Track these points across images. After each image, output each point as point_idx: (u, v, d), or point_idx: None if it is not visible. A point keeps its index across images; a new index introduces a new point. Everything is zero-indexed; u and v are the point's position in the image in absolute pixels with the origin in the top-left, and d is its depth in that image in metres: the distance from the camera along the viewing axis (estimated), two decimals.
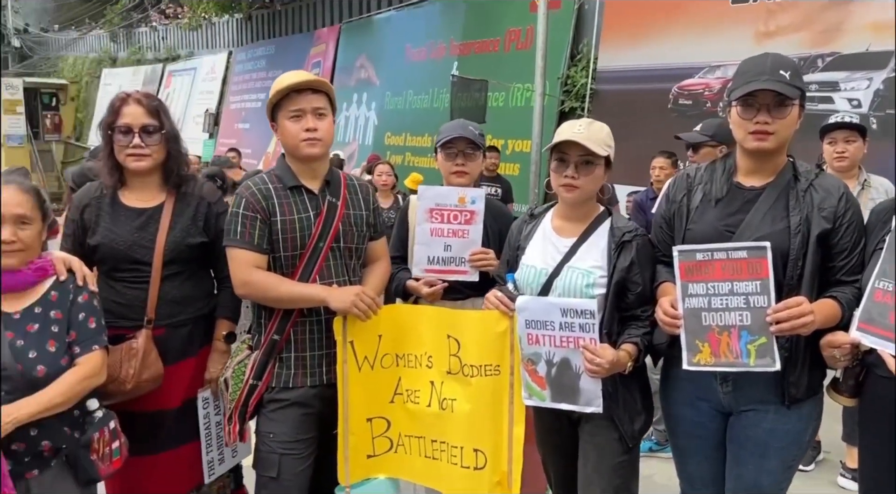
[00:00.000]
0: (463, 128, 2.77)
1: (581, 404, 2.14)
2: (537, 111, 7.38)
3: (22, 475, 2.08)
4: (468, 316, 2.37)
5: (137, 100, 2.48)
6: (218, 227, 2.55)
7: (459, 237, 2.68)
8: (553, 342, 2.14)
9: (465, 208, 2.67)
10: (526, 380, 2.22)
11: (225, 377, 2.43)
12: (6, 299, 2.12)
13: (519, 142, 9.05)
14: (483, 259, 2.66)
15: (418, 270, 2.71)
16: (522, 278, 2.30)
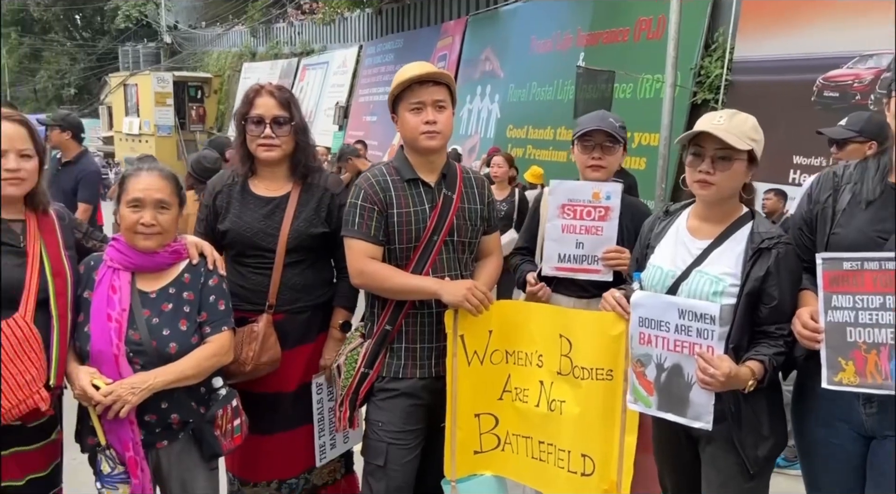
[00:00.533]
0: (602, 120, 2.64)
1: (689, 417, 1.98)
2: (667, 103, 7.08)
3: (153, 444, 2.23)
4: (582, 316, 2.30)
5: (270, 92, 2.57)
6: (340, 218, 2.59)
7: (593, 234, 2.57)
8: (666, 344, 2.00)
9: (599, 204, 2.55)
10: (633, 383, 2.10)
11: (338, 364, 2.49)
12: (144, 279, 2.27)
13: (646, 135, 8.71)
14: (617, 258, 2.54)
15: (548, 267, 2.62)
16: (648, 279, 2.16)
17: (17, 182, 2.13)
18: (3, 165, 2.10)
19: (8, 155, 2.10)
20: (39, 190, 2.23)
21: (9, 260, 2.11)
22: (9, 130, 2.12)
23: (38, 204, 2.24)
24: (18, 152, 2.12)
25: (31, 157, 2.16)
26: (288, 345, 2.58)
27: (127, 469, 2.18)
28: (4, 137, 2.11)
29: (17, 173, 2.12)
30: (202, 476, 2.34)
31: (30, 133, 2.17)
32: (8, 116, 2.16)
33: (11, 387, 2.04)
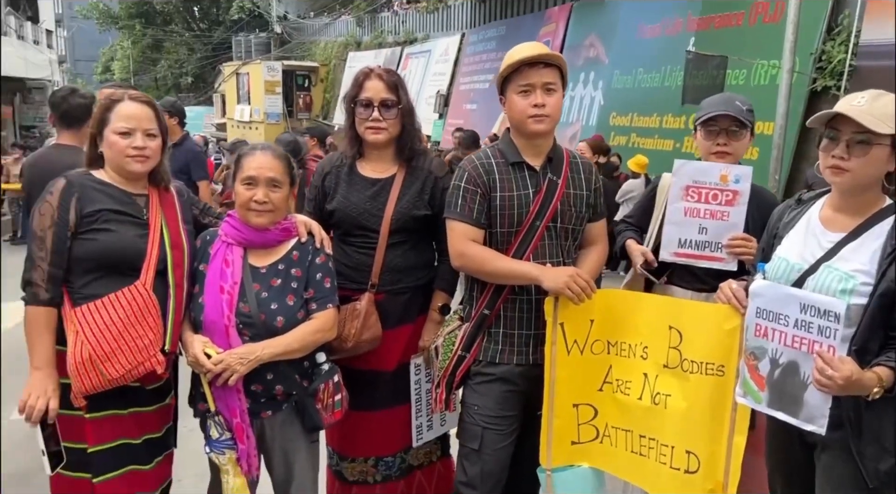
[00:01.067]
0: (728, 103, 2.51)
1: (801, 418, 1.84)
2: (784, 90, 6.70)
3: (258, 414, 2.32)
4: (695, 308, 2.20)
5: (379, 75, 2.60)
6: (443, 201, 2.60)
7: (718, 219, 2.44)
8: (783, 339, 1.88)
9: (727, 188, 2.42)
10: (744, 376, 1.99)
11: (436, 345, 2.50)
12: (255, 254, 2.36)
13: (759, 124, 8.24)
14: (743, 246, 2.40)
15: (667, 253, 2.52)
16: (772, 271, 2.01)
17: (142, 160, 2.26)
18: (131, 144, 2.23)
19: (135, 134, 2.24)
20: (162, 168, 2.36)
21: (132, 231, 2.24)
22: (136, 111, 2.26)
23: (161, 181, 2.37)
24: (145, 131, 2.26)
25: (156, 136, 2.29)
26: (388, 325, 2.61)
27: (234, 435, 2.28)
28: (132, 117, 2.24)
29: (143, 151, 2.25)
30: (303, 447, 2.41)
31: (155, 114, 2.30)
32: (135, 97, 2.30)
33: (131, 349, 2.16)
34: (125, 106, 2.25)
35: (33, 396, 2.15)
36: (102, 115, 2.26)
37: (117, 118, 2.24)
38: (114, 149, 2.24)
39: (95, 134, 2.28)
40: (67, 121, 3.70)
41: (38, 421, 2.17)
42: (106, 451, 2.22)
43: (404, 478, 2.77)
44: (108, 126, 2.25)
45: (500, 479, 2.40)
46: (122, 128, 2.23)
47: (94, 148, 2.30)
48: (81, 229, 2.20)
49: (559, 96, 2.34)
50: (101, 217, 2.21)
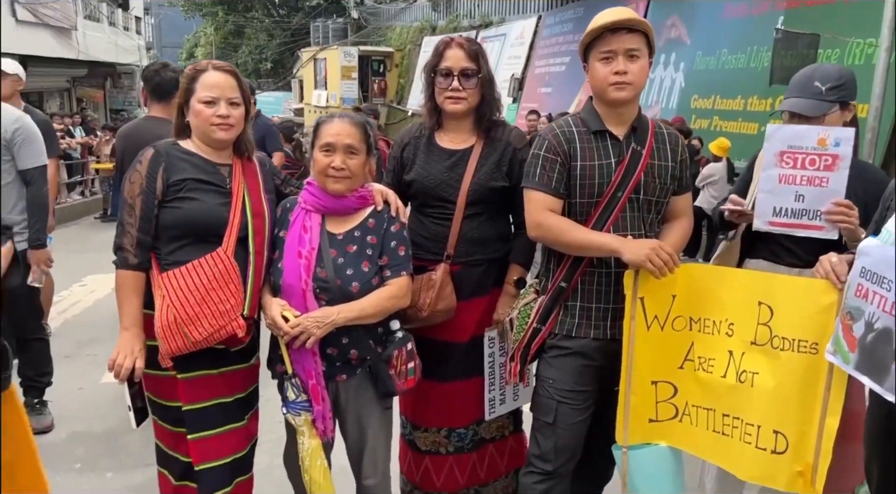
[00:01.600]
0: (803, 89, 2.43)
1: (885, 387, 1.74)
2: (880, 70, 6.31)
3: (333, 377, 2.35)
4: (788, 282, 2.09)
5: (460, 44, 2.58)
6: (521, 172, 2.57)
7: (816, 186, 2.30)
8: (882, 304, 1.76)
9: (825, 152, 2.28)
10: (837, 333, 1.89)
11: (510, 318, 2.47)
12: (333, 221, 2.39)
13: None
14: (844, 213, 2.27)
15: (761, 222, 2.41)
16: None
17: (226, 128, 2.31)
18: (215, 112, 2.28)
19: (219, 102, 2.28)
20: (245, 137, 2.40)
21: (215, 200, 2.30)
22: (220, 80, 2.30)
23: (244, 150, 2.42)
24: (228, 100, 2.30)
25: (239, 105, 2.33)
26: (463, 296, 2.60)
27: (310, 397, 2.32)
28: (216, 86, 2.29)
29: (227, 119, 2.30)
30: (377, 413, 2.43)
31: (237, 83, 2.34)
32: (218, 66, 2.34)
33: (213, 314, 2.22)
34: (209, 75, 2.30)
35: (121, 355, 2.24)
36: (188, 85, 2.31)
37: (202, 88, 2.29)
38: (199, 118, 2.29)
39: (182, 104, 2.34)
40: (158, 94, 3.85)
41: (126, 379, 2.26)
42: (201, 410, 2.30)
43: (476, 451, 2.76)
44: (194, 96, 2.30)
45: (574, 454, 2.36)
46: (206, 97, 2.28)
47: (181, 118, 2.36)
48: (167, 197, 2.27)
49: (643, 63, 2.25)
50: (185, 186, 2.27)
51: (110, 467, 3.52)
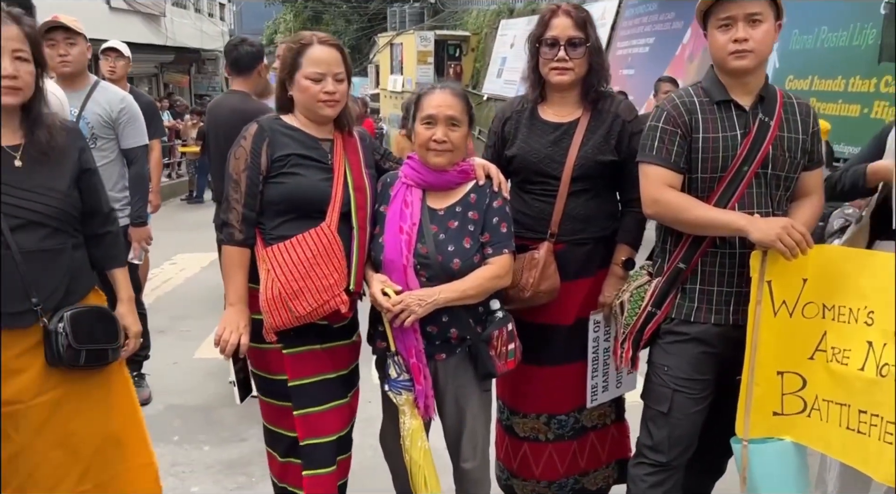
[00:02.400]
0: None
1: None
2: None
3: (432, 356, 2.29)
4: None
5: (567, 11, 2.45)
6: (631, 147, 2.44)
7: None
8: None
9: None
10: None
11: (621, 301, 2.34)
12: (434, 196, 2.32)
13: None
14: None
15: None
16: None
17: (333, 104, 2.26)
18: (322, 89, 2.22)
19: (326, 79, 2.23)
20: (346, 111, 2.35)
21: (317, 175, 2.26)
22: (326, 55, 2.24)
23: (345, 124, 2.36)
24: (334, 76, 2.24)
25: (343, 80, 2.28)
26: (567, 277, 2.48)
27: (411, 376, 2.26)
28: (322, 61, 2.23)
29: (333, 96, 2.25)
30: (475, 394, 2.36)
31: (342, 57, 2.28)
32: (324, 40, 2.27)
33: (318, 288, 2.19)
34: (315, 50, 2.24)
35: (227, 331, 2.23)
36: (294, 59, 2.25)
37: (308, 63, 2.23)
38: (306, 94, 2.25)
39: (285, 78, 2.29)
40: (237, 68, 3.95)
41: (231, 355, 2.25)
42: (306, 386, 2.27)
43: (577, 439, 2.65)
44: (300, 71, 2.24)
45: (688, 446, 2.23)
46: (313, 73, 2.22)
47: (283, 92, 2.32)
48: (272, 172, 2.25)
49: (767, 28, 2.06)
50: (289, 162, 2.24)
51: (207, 440, 3.58)
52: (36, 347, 2.03)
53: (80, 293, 2.14)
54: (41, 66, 2.04)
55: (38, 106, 2.04)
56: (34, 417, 2.04)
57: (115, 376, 2.24)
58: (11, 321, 1.97)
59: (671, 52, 14.02)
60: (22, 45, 1.95)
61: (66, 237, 2.08)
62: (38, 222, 2.00)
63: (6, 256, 1.94)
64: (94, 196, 2.19)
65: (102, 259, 2.26)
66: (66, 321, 2.03)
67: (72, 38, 3.50)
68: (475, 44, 24.94)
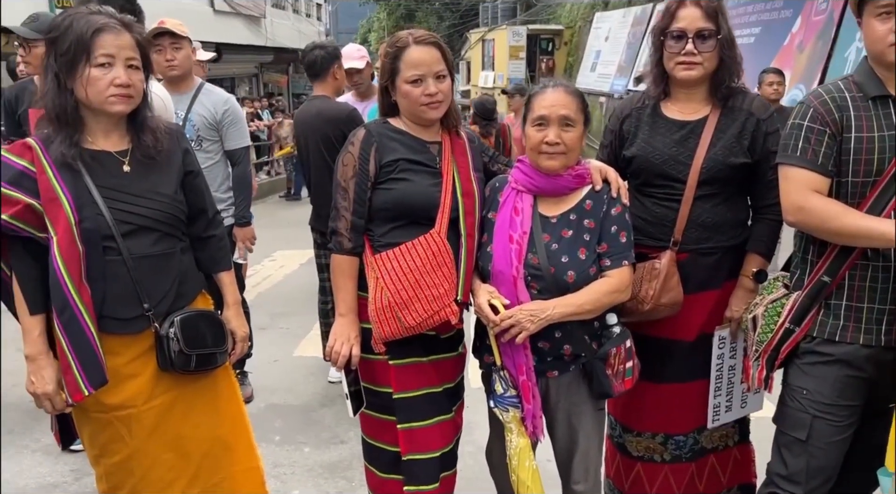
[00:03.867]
0: None
1: None
2: None
3: (544, 373, 2.17)
4: None
5: (696, 1, 2.25)
6: (766, 148, 2.25)
7: None
8: None
9: None
10: None
11: (754, 315, 2.14)
12: (546, 202, 2.19)
13: None
14: None
15: None
16: None
17: (436, 106, 2.17)
18: (424, 91, 2.13)
19: (426, 79, 2.14)
20: (452, 108, 2.26)
21: (426, 180, 2.18)
22: (424, 56, 2.14)
23: (452, 123, 2.27)
24: (435, 75, 2.15)
25: (446, 77, 2.18)
26: (690, 288, 2.30)
27: (519, 393, 2.14)
28: (421, 62, 2.13)
29: (435, 97, 2.15)
30: (589, 413, 2.22)
31: (442, 54, 2.18)
32: (421, 39, 2.16)
33: (427, 298, 2.11)
34: (413, 52, 2.14)
35: (338, 342, 2.19)
36: (392, 64, 2.17)
37: (407, 66, 2.14)
38: (409, 99, 2.16)
39: (387, 84, 2.21)
40: (312, 72, 4.00)
41: (343, 367, 2.20)
42: (411, 399, 2.20)
43: (696, 461, 2.47)
44: (399, 75, 2.15)
45: (829, 477, 2.01)
46: (412, 76, 2.13)
47: (387, 97, 2.25)
48: (380, 178, 2.18)
49: None
50: (398, 167, 2.17)
51: (307, 441, 3.59)
52: (148, 352, 2.04)
53: (189, 297, 2.14)
54: (149, 71, 2.05)
55: (143, 111, 2.05)
56: (146, 421, 2.06)
57: (223, 379, 2.23)
58: (124, 327, 1.99)
59: (779, 43, 13.28)
60: (134, 54, 1.96)
61: (174, 241, 2.08)
62: (148, 226, 2.00)
63: (118, 262, 1.95)
64: (200, 199, 2.18)
65: (208, 262, 2.25)
66: (177, 325, 2.03)
67: (178, 42, 3.55)
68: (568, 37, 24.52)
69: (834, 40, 11.52)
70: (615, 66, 19.28)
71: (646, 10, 20.14)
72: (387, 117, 2.28)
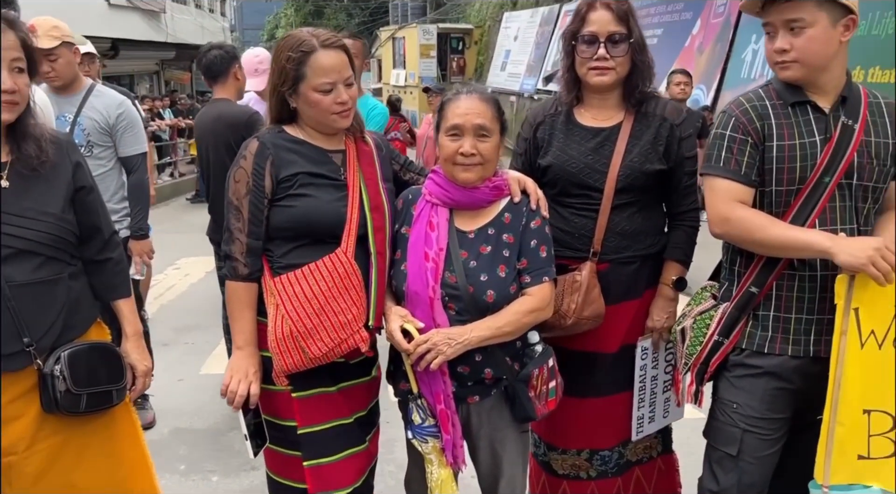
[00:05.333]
0: None
1: None
2: None
3: (464, 398, 2.03)
4: None
5: (606, 4, 2.17)
6: (680, 153, 2.20)
7: None
8: None
9: None
10: None
11: (683, 327, 2.08)
12: (462, 216, 2.05)
13: None
14: None
15: None
16: None
17: (347, 113, 1.99)
18: (335, 99, 1.94)
19: (337, 87, 1.95)
20: (357, 115, 2.08)
21: (330, 195, 1.98)
22: (335, 62, 1.95)
23: (356, 130, 2.09)
24: (345, 82, 1.96)
25: (353, 83, 2.00)
26: (611, 299, 2.23)
27: (438, 422, 2.01)
28: (332, 69, 1.94)
29: (346, 104, 1.97)
30: (512, 437, 2.11)
31: (349, 58, 2.00)
32: (328, 43, 1.96)
33: (334, 325, 1.92)
34: (321, 57, 1.93)
35: (234, 380, 1.97)
36: (296, 69, 1.93)
37: (315, 73, 1.92)
38: (317, 108, 1.96)
39: (285, 89, 1.96)
40: (210, 74, 3.75)
41: (241, 407, 1.98)
42: (317, 433, 2.00)
43: (622, 475, 2.41)
44: (304, 82, 1.93)
45: (760, 492, 1.98)
46: (324, 85, 1.93)
47: (283, 105, 2.00)
48: (278, 195, 1.96)
49: (813, 33, 1.80)
50: (298, 181, 1.96)
51: (216, 469, 3.33)
52: (30, 391, 1.81)
53: (80, 328, 1.91)
54: (34, 73, 1.82)
55: (26, 118, 1.81)
56: (29, 469, 1.82)
57: (121, 418, 2.00)
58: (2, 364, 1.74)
59: (680, 44, 13.73)
60: (19, 54, 1.73)
61: (61, 266, 1.84)
62: (29, 250, 1.76)
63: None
64: (93, 217, 1.94)
65: (103, 289, 2.01)
66: (64, 362, 1.80)
67: (52, 54, 3.19)
68: (478, 37, 24.69)
69: (731, 42, 11.99)
70: (524, 65, 19.50)
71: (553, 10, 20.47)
72: (281, 125, 2.05)
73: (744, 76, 11.46)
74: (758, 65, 11.45)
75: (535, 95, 16.88)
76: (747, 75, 11.47)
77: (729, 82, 11.84)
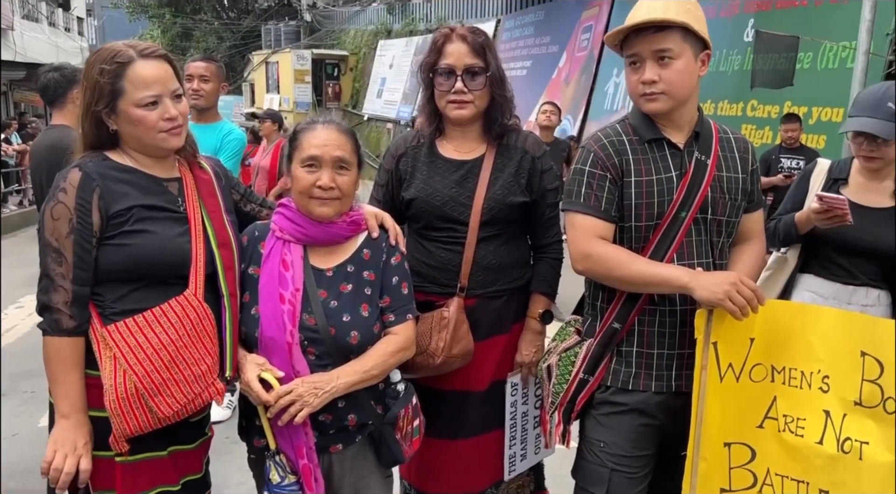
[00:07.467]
0: (876, 108, 2.43)
1: None
2: (858, 73, 6.11)
3: (326, 448, 1.88)
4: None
5: (462, 36, 2.13)
6: (542, 186, 2.18)
7: None
8: None
9: None
10: None
11: (548, 364, 2.03)
12: (317, 253, 1.91)
13: (827, 110, 7.80)
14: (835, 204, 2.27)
15: None
16: None
17: (178, 131, 1.77)
18: (162, 115, 1.73)
19: (163, 100, 1.73)
20: (189, 136, 1.86)
21: (171, 229, 1.76)
22: (157, 72, 1.73)
23: (190, 153, 1.88)
24: (172, 94, 1.75)
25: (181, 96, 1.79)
26: (480, 335, 2.17)
27: (300, 478, 1.84)
28: (155, 81, 1.72)
29: (176, 120, 1.75)
30: (377, 484, 1.97)
31: (173, 68, 1.78)
32: (147, 52, 1.74)
33: (187, 379, 1.71)
34: (140, 68, 1.71)
35: (59, 455, 1.68)
36: (112, 84, 1.70)
37: (135, 86, 1.70)
38: (142, 126, 1.72)
39: (101, 111, 1.72)
40: (47, 98, 3.45)
41: (67, 487, 1.70)
42: None
43: None
44: (124, 98, 1.70)
45: None
46: (147, 98, 1.70)
47: (102, 128, 1.75)
48: (109, 232, 1.71)
49: (680, 66, 1.81)
50: (132, 216, 1.72)
51: None
52: None
53: None
54: None
55: None
56: None
57: None
58: None
59: (548, 76, 14.27)
60: None
61: None
62: None
63: None
64: None
65: None
66: None
67: None
68: (354, 63, 24.66)
69: (595, 75, 12.58)
70: (401, 93, 19.63)
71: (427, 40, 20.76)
72: (97, 151, 1.78)
73: (607, 108, 12.03)
74: (619, 97, 12.05)
75: (411, 123, 16.97)
76: (610, 107, 12.05)
77: (594, 113, 12.39)
